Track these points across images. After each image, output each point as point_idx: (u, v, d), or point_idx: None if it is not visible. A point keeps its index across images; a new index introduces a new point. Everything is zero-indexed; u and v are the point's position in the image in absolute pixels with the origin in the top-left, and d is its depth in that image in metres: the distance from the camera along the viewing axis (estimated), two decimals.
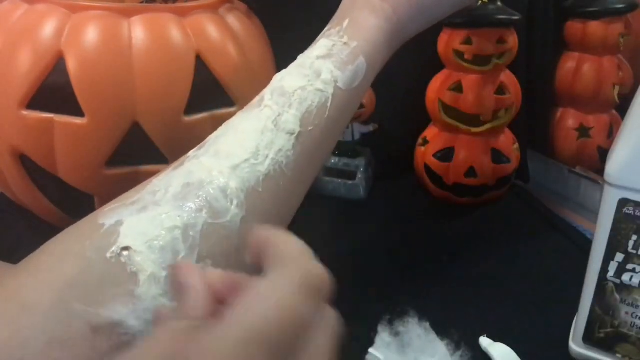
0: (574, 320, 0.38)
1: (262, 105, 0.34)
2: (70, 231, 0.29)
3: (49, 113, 0.41)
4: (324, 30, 0.38)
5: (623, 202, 0.33)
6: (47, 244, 0.29)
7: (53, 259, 0.27)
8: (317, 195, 0.54)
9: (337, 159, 0.61)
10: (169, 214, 0.28)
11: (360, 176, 0.60)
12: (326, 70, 0.35)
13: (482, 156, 0.56)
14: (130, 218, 0.28)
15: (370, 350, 0.37)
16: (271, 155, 0.32)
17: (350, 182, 0.60)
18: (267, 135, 0.32)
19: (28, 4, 0.43)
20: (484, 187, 0.57)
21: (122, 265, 0.26)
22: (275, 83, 0.35)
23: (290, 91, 0.34)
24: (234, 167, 0.31)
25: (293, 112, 0.33)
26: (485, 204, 0.58)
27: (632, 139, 0.32)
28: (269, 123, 0.33)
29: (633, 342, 0.35)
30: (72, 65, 0.40)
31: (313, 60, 0.35)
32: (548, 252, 0.51)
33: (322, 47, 0.36)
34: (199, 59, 0.43)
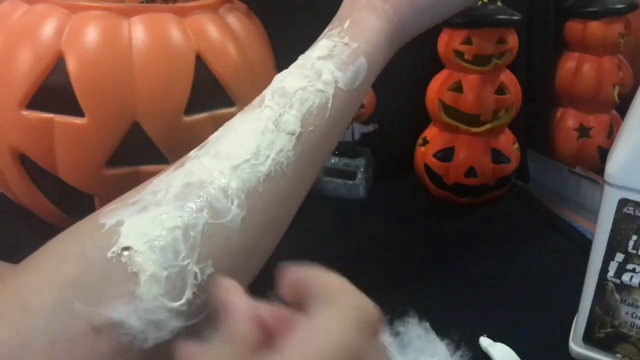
0: (574, 320, 0.38)
1: (262, 105, 0.34)
2: (71, 231, 0.29)
3: (49, 113, 0.41)
4: (325, 30, 0.38)
5: (623, 202, 0.33)
6: (48, 244, 0.29)
7: (54, 259, 0.27)
8: (317, 195, 0.54)
9: (337, 159, 0.61)
10: (169, 214, 0.28)
11: (360, 176, 0.60)
12: (327, 70, 0.35)
13: (482, 156, 0.56)
14: (130, 218, 0.28)
15: None
16: (272, 156, 0.32)
17: (350, 182, 0.60)
18: (268, 135, 0.32)
19: (28, 4, 0.43)
20: (484, 187, 0.57)
21: (122, 266, 0.26)
22: (276, 83, 0.35)
23: (291, 92, 0.34)
24: (235, 168, 0.31)
25: (294, 112, 0.33)
26: (485, 204, 0.58)
27: (632, 139, 0.33)
28: (270, 123, 0.32)
29: (633, 342, 0.35)
30: (72, 65, 0.40)
31: (314, 60, 0.35)
32: (548, 252, 0.51)
33: (323, 47, 0.36)
34: (199, 59, 0.43)
